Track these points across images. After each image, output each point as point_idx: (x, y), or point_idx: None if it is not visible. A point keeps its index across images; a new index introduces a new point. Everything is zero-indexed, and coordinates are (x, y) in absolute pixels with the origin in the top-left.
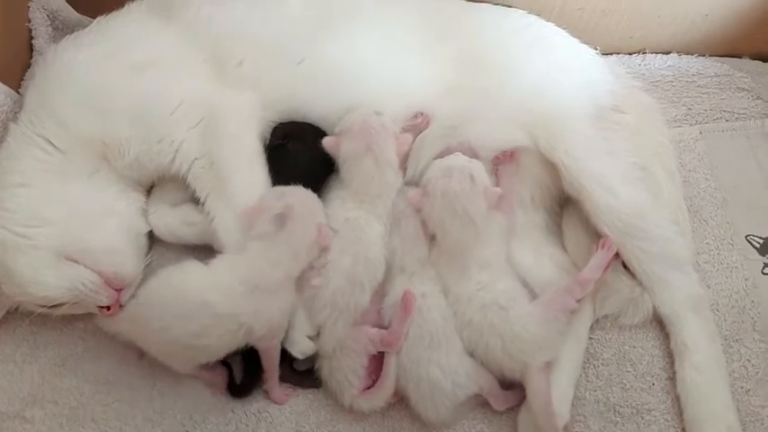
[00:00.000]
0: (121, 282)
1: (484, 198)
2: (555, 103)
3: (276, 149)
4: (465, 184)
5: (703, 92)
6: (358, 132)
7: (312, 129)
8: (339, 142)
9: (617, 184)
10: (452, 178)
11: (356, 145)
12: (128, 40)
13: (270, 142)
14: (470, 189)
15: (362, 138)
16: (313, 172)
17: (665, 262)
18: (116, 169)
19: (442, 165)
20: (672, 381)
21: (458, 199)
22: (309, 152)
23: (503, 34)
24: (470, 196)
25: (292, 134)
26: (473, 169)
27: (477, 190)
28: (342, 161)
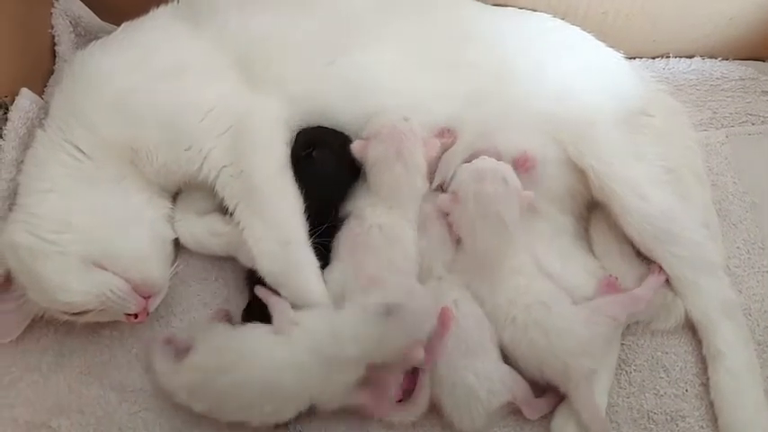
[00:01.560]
0: (150, 289)
1: (517, 201)
2: (582, 108)
3: (302, 158)
4: (498, 186)
5: (728, 95)
6: (387, 137)
7: (336, 135)
8: (367, 147)
9: (647, 189)
10: (485, 181)
11: (386, 149)
12: (155, 46)
13: (294, 150)
14: (504, 192)
15: (392, 142)
16: (339, 180)
17: (697, 266)
18: (144, 176)
19: (473, 168)
20: (705, 387)
21: (492, 202)
22: (336, 160)
23: (527, 38)
24: (504, 199)
25: (317, 141)
26: (505, 171)
27: (511, 192)
28: (370, 166)
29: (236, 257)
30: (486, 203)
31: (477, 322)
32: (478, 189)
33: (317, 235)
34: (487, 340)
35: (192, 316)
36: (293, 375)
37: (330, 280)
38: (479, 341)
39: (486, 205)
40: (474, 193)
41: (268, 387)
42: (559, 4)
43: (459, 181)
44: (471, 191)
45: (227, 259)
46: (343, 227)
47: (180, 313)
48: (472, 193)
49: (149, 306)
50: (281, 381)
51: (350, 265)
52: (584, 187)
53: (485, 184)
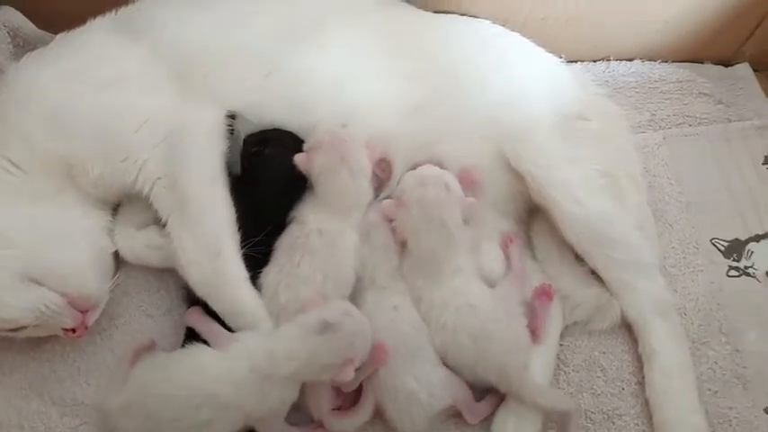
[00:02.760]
0: (87, 303)
1: (459, 206)
2: (521, 114)
3: (254, 156)
4: (441, 192)
5: (666, 97)
6: (329, 145)
7: (291, 135)
8: (311, 158)
9: (582, 193)
10: (428, 187)
11: (330, 158)
12: (92, 57)
13: (244, 150)
14: (446, 197)
15: (335, 150)
16: (294, 179)
17: (632, 268)
18: (81, 188)
19: (416, 175)
20: (641, 385)
21: (434, 207)
22: (288, 159)
23: (468, 45)
24: (446, 204)
25: (269, 139)
26: (447, 178)
27: (453, 198)
28: (316, 176)
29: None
30: (429, 208)
31: (417, 328)
32: (422, 194)
33: (254, 245)
34: (427, 345)
35: (135, 327)
36: (231, 388)
37: (265, 282)
38: (419, 346)
39: (429, 210)
40: (417, 198)
41: (204, 395)
42: (500, 11)
43: (403, 187)
44: (415, 196)
45: (170, 269)
46: (284, 232)
47: (122, 325)
48: (416, 198)
49: (87, 320)
50: (219, 391)
51: (285, 268)
52: (524, 192)
53: (428, 189)
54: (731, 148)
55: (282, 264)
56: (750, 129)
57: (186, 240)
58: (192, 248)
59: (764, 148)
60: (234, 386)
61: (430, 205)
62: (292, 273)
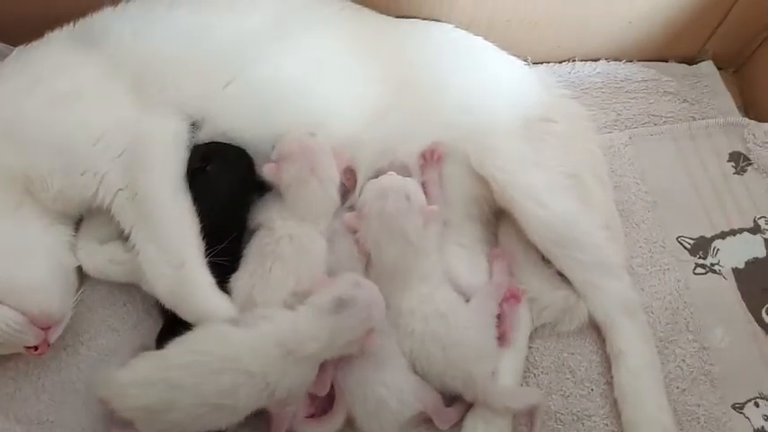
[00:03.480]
0: (48, 320)
1: (420, 216)
2: (484, 118)
3: (195, 173)
4: (401, 204)
5: (632, 97)
6: (299, 155)
7: (235, 150)
8: (280, 168)
9: (546, 196)
10: (388, 199)
11: (299, 168)
12: (49, 70)
13: (189, 165)
14: (406, 209)
15: (304, 160)
16: (237, 197)
17: (598, 269)
18: (41, 203)
19: (377, 186)
20: (610, 385)
21: (394, 220)
22: (231, 175)
23: (430, 50)
24: (406, 216)
25: (213, 156)
26: (408, 188)
27: (414, 209)
28: (285, 186)
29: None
30: (389, 220)
31: (386, 334)
32: (381, 206)
33: (217, 253)
34: (397, 352)
35: (101, 342)
36: (252, 355)
37: (236, 288)
38: (389, 353)
39: (389, 223)
40: (377, 210)
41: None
42: (463, 15)
43: (363, 199)
44: (375, 209)
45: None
46: (252, 238)
47: (87, 341)
48: (375, 210)
49: (49, 337)
50: (241, 356)
51: (257, 273)
52: (489, 195)
53: (387, 201)
54: (696, 145)
55: (254, 269)
56: (714, 126)
57: (150, 252)
58: (156, 259)
59: (729, 146)
60: (257, 355)
61: (390, 218)
62: (265, 277)
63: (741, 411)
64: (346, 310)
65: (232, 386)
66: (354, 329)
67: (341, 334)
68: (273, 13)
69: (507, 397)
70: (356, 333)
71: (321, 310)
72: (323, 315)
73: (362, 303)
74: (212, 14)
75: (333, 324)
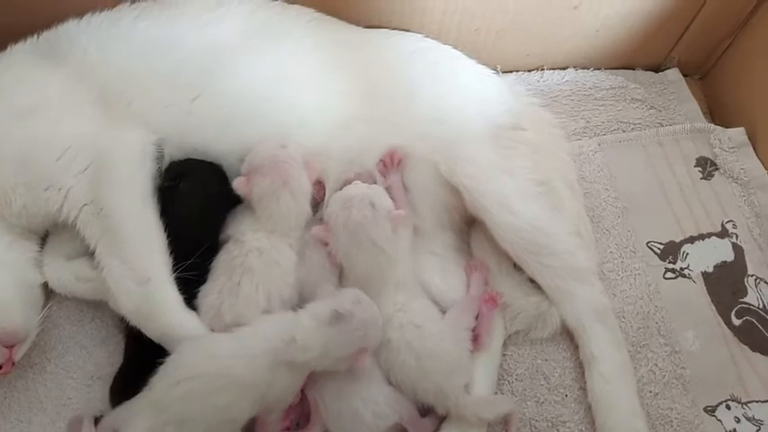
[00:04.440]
0: (12, 338)
1: (387, 222)
2: (453, 127)
3: (166, 191)
4: (366, 211)
5: (600, 104)
6: (270, 168)
7: (206, 166)
8: (251, 182)
9: (516, 203)
10: (352, 209)
11: (271, 182)
12: (11, 83)
13: (161, 182)
14: (372, 216)
15: (276, 173)
16: (208, 214)
17: (569, 275)
18: (4, 218)
19: (341, 197)
20: (584, 391)
21: (361, 229)
22: (203, 192)
23: (398, 59)
24: (373, 224)
25: (185, 173)
26: (372, 196)
27: (380, 216)
28: (257, 200)
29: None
30: (355, 230)
31: None
32: (346, 217)
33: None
34: (372, 363)
35: (69, 360)
36: (245, 365)
37: (204, 304)
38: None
39: (356, 232)
40: (343, 222)
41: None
42: (431, 24)
43: (329, 211)
44: (341, 220)
45: None
46: (221, 251)
47: (55, 358)
48: (341, 222)
49: (14, 356)
50: (233, 370)
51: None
52: (460, 204)
53: (352, 211)
54: (664, 151)
55: (222, 283)
56: (681, 132)
57: (115, 267)
58: (121, 275)
59: (696, 151)
60: (248, 364)
61: (356, 227)
62: (233, 292)
63: (713, 414)
64: (342, 325)
65: (230, 401)
66: (348, 345)
67: (334, 347)
68: (240, 25)
69: (480, 407)
70: (349, 349)
71: (318, 320)
72: (319, 325)
73: (358, 321)
74: (179, 27)
75: (327, 336)
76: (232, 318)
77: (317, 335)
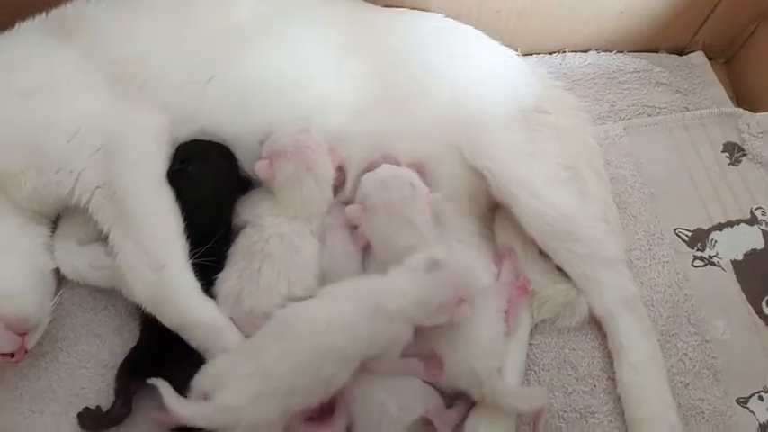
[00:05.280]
0: (24, 325)
1: (426, 204)
2: (477, 110)
3: (176, 174)
4: (406, 192)
5: (624, 88)
6: (294, 153)
7: (216, 147)
8: (274, 166)
9: (542, 188)
10: (392, 189)
11: (295, 167)
12: (20, 62)
13: (170, 166)
14: (412, 196)
15: (300, 159)
16: (220, 196)
17: (596, 262)
18: (14, 202)
19: (376, 177)
20: (613, 381)
21: (401, 209)
22: (213, 175)
23: (419, 40)
24: (413, 204)
25: (193, 155)
26: (409, 176)
27: (419, 196)
28: (279, 186)
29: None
30: (396, 211)
31: None
32: (386, 198)
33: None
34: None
35: (82, 348)
36: (344, 335)
37: (222, 290)
38: None
39: (396, 212)
40: (382, 202)
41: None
42: (452, 5)
43: (364, 192)
44: (379, 200)
45: None
46: (239, 235)
47: (67, 347)
48: (380, 202)
49: (26, 344)
50: (335, 341)
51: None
52: (484, 189)
53: (391, 191)
54: (690, 136)
55: (241, 269)
56: (708, 117)
57: (129, 253)
58: (136, 261)
59: (723, 136)
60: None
61: (396, 207)
62: (253, 279)
63: (745, 406)
64: (438, 272)
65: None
66: (445, 292)
67: (431, 294)
68: (257, 4)
69: (515, 397)
70: (447, 297)
71: (413, 268)
72: (417, 273)
73: (454, 268)
74: (194, 6)
75: (424, 282)
76: (251, 305)
77: (414, 280)
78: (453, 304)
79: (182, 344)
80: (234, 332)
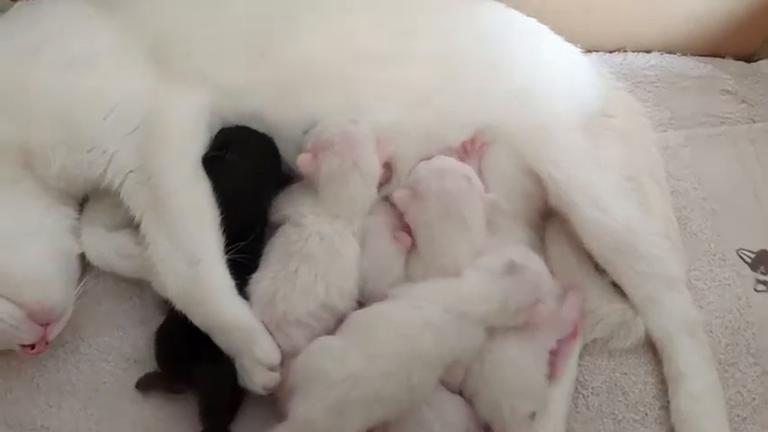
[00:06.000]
0: (48, 316)
1: (480, 201)
2: (540, 108)
3: (212, 161)
4: (462, 184)
5: (687, 94)
6: (341, 146)
7: (258, 136)
8: (319, 160)
9: (608, 199)
10: (447, 179)
11: (341, 161)
12: (57, 30)
13: (208, 151)
14: (468, 190)
15: (348, 152)
16: (258, 189)
17: (658, 282)
18: (41, 180)
19: (432, 166)
20: (666, 410)
21: (455, 200)
22: (253, 165)
23: (482, 30)
24: (468, 198)
25: (233, 142)
26: (467, 170)
27: (474, 191)
28: (323, 180)
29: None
30: (449, 201)
31: None
32: (441, 186)
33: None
34: None
35: (103, 340)
36: (433, 340)
37: (256, 291)
38: None
39: (449, 203)
40: (436, 190)
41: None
42: None
43: (418, 178)
44: (433, 188)
45: None
46: (277, 233)
47: (89, 337)
48: (434, 190)
49: (48, 335)
50: (424, 346)
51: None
52: (539, 194)
53: (447, 181)
54: (756, 150)
55: (277, 270)
56: None
57: (162, 244)
58: (169, 254)
59: None
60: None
61: (449, 199)
62: (289, 281)
63: None
64: (517, 275)
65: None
66: (526, 295)
67: (513, 298)
68: None
69: None
70: (527, 300)
71: (492, 272)
72: (494, 277)
73: (532, 271)
74: None
75: (505, 287)
76: (285, 309)
77: (494, 285)
78: (531, 306)
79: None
80: (267, 339)
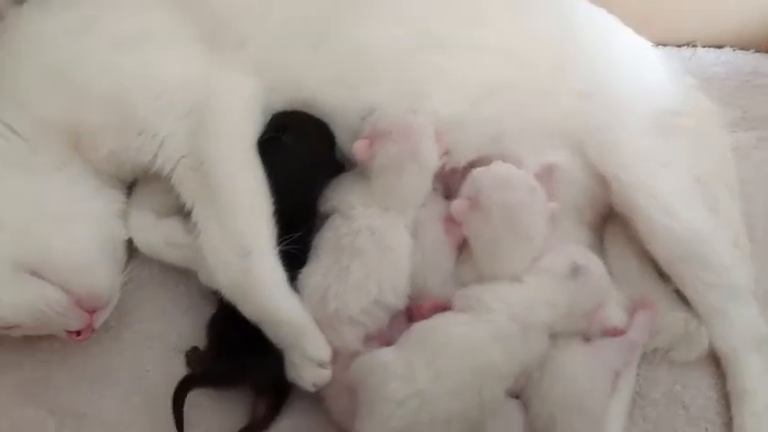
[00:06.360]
0: (95, 302)
1: (544, 213)
2: (609, 106)
3: (268, 142)
4: (525, 196)
5: (759, 93)
6: (400, 135)
7: (315, 121)
8: (376, 148)
9: (676, 204)
10: (511, 190)
11: (399, 151)
12: (108, 9)
13: (263, 133)
14: (532, 202)
15: (406, 142)
16: (310, 173)
17: (726, 292)
18: (90, 162)
19: (494, 174)
20: (728, 428)
21: (518, 214)
22: (309, 150)
23: (552, 20)
24: (531, 211)
25: (290, 125)
26: (529, 179)
27: (539, 204)
28: (378, 169)
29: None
30: (513, 214)
31: None
32: (504, 198)
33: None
34: None
35: (148, 326)
36: (502, 351)
37: (308, 287)
38: None
39: (513, 216)
40: (499, 201)
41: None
42: None
43: (479, 187)
44: (496, 199)
45: None
46: (326, 225)
47: (133, 323)
48: (497, 201)
49: (95, 322)
50: (493, 359)
51: (332, 270)
52: (603, 197)
53: (510, 192)
54: None
55: (328, 265)
56: None
57: (214, 234)
58: (221, 244)
59: None
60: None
61: (514, 211)
62: (341, 277)
63: None
64: (582, 278)
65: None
66: (589, 299)
67: (579, 302)
68: None
69: None
70: (592, 304)
71: (557, 276)
72: (560, 280)
73: (595, 274)
74: None
75: (570, 290)
76: (337, 306)
77: (560, 289)
78: (593, 312)
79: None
80: (318, 335)
